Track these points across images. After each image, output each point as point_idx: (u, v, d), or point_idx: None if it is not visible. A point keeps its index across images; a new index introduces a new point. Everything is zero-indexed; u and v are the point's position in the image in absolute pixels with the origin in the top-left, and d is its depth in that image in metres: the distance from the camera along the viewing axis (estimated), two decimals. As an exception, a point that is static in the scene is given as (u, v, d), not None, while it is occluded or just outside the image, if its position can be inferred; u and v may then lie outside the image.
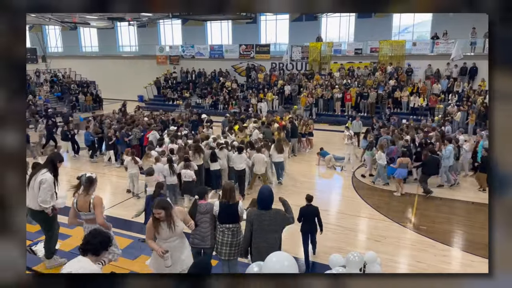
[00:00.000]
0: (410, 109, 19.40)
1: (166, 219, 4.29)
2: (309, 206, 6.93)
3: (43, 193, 4.72)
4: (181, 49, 27.88)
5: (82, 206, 4.71)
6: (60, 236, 6.02)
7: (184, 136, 12.54)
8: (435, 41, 20.85)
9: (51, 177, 4.87)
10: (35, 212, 4.86)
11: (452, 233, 8.53)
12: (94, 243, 3.30)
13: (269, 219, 4.79)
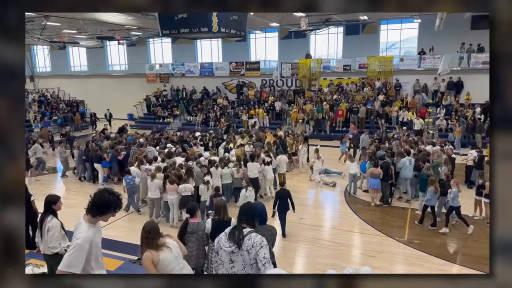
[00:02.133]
0: (399, 123, 19.60)
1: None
2: (283, 189, 9.02)
3: (51, 240, 4.88)
4: (171, 67, 27.97)
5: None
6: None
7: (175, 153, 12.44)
8: (422, 57, 21.28)
9: (57, 222, 4.98)
10: (50, 256, 5.01)
11: (446, 247, 8.48)
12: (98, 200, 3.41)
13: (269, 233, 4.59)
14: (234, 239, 3.28)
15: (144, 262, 3.84)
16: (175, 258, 3.93)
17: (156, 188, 9.50)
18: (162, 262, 3.79)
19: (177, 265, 3.94)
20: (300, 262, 7.85)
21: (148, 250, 3.85)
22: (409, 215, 10.13)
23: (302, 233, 9.02)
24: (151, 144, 13.90)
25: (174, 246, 3.98)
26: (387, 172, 10.48)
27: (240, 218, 3.46)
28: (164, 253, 3.84)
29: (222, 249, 3.36)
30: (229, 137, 15.72)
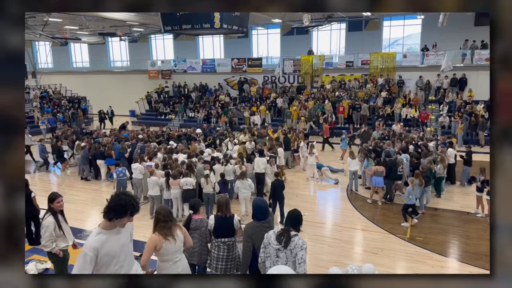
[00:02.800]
0: (402, 120, 19.52)
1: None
2: (278, 180, 9.14)
3: (43, 238, 4.93)
4: (173, 64, 27.92)
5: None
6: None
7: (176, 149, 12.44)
8: (425, 53, 21.15)
9: (51, 221, 4.98)
10: (48, 253, 5.05)
11: (448, 244, 8.44)
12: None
13: (269, 228, 4.60)
14: (281, 240, 3.86)
15: (148, 243, 3.98)
16: (176, 251, 4.07)
17: (155, 185, 9.48)
18: (163, 250, 3.96)
19: (175, 257, 4.08)
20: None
21: (158, 234, 3.99)
22: (411, 212, 10.09)
23: (304, 229, 8.95)
24: (154, 141, 13.90)
25: (180, 240, 4.09)
26: (391, 170, 10.42)
27: (288, 223, 4.04)
28: (169, 243, 3.97)
29: (271, 245, 3.96)
30: (228, 134, 15.71)
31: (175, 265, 4.08)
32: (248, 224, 4.88)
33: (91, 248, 3.24)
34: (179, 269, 4.12)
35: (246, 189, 9.32)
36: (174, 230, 4.08)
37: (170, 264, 4.09)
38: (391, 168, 10.40)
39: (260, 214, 4.68)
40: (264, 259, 4.04)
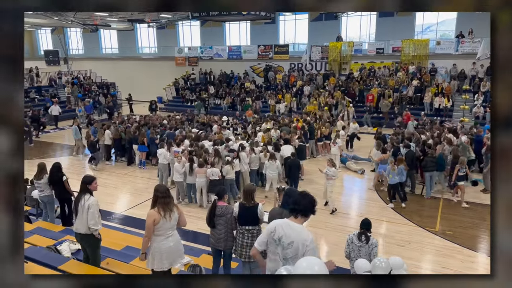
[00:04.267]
0: (434, 110, 18.86)
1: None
2: (293, 159, 9.86)
3: (92, 217, 4.96)
4: (199, 50, 27.98)
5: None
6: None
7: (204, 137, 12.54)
8: (460, 40, 20.20)
9: (96, 200, 5.11)
10: (84, 236, 5.09)
11: (479, 239, 8.16)
12: (305, 204, 3.14)
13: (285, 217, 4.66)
14: (361, 239, 5.00)
15: (148, 219, 4.32)
16: (169, 228, 4.39)
17: (176, 171, 9.62)
18: (159, 225, 4.29)
19: (168, 233, 4.40)
20: (328, 249, 7.77)
21: (157, 210, 4.32)
22: (441, 205, 9.80)
23: (328, 220, 8.92)
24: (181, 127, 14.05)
25: (174, 218, 4.42)
26: (412, 161, 10.25)
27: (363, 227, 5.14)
28: (166, 221, 4.31)
29: (354, 243, 5.05)
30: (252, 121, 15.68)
31: (166, 240, 4.39)
32: (272, 209, 5.12)
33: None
34: (171, 243, 4.43)
35: (274, 171, 9.86)
36: (172, 207, 4.40)
37: (162, 238, 4.39)
38: (412, 160, 10.26)
39: (287, 204, 4.65)
40: (349, 252, 5.12)
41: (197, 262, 5.78)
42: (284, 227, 3.10)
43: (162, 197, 4.37)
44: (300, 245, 3.02)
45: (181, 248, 4.61)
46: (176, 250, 4.53)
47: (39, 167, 7.43)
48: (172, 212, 4.39)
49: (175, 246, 4.48)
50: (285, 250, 3.09)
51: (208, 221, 5.30)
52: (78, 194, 5.20)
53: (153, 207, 4.38)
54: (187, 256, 6.19)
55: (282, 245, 3.09)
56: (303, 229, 3.12)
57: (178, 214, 4.49)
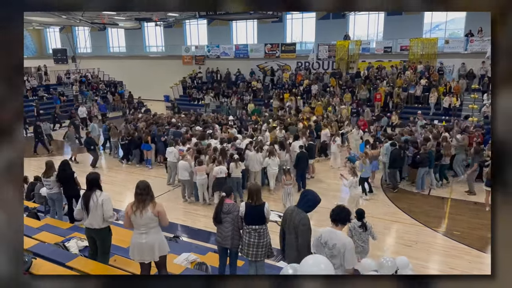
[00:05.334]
0: (442, 110, 18.67)
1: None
2: (303, 152, 10.38)
3: (108, 212, 5.07)
4: (206, 49, 28.01)
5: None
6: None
7: (209, 135, 12.55)
8: (470, 39, 19.96)
9: (108, 195, 5.20)
10: (97, 230, 5.14)
11: (487, 240, 8.04)
12: (343, 215, 4.03)
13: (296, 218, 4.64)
14: (362, 227, 6.31)
15: (125, 210, 4.55)
16: (142, 225, 4.47)
17: (185, 169, 9.64)
18: (132, 219, 4.48)
19: (141, 229, 4.49)
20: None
21: (131, 204, 4.50)
22: (448, 205, 9.72)
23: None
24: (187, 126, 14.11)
25: (147, 217, 4.45)
26: (395, 159, 10.39)
27: (360, 219, 6.37)
28: (136, 216, 4.43)
29: (355, 230, 6.32)
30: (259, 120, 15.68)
31: (139, 235, 4.52)
32: (288, 207, 5.05)
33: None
34: (143, 240, 4.51)
35: (275, 167, 10.13)
36: (145, 205, 4.44)
37: (136, 232, 4.56)
38: (395, 158, 10.41)
39: (302, 203, 4.66)
40: (351, 236, 6.18)
41: (204, 260, 5.79)
42: (328, 233, 3.98)
43: (139, 194, 4.48)
44: (341, 246, 3.84)
45: (155, 248, 4.58)
46: (148, 249, 4.55)
47: (47, 165, 7.48)
48: (145, 210, 4.43)
49: (147, 244, 4.52)
50: (330, 250, 3.91)
51: (215, 218, 5.30)
52: (86, 191, 5.22)
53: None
54: (193, 254, 6.22)
55: (328, 247, 3.93)
56: (342, 234, 3.99)
57: (154, 214, 4.48)
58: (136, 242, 4.58)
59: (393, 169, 10.60)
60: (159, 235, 4.68)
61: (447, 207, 9.61)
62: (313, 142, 12.14)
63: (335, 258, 3.83)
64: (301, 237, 4.57)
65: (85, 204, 5.08)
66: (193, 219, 9.04)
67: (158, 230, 4.65)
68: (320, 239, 4.03)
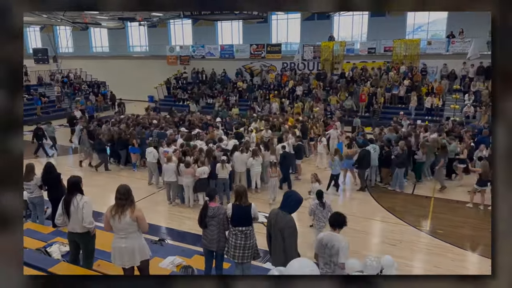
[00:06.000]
0: (425, 110, 19.00)
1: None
2: (286, 153, 10.67)
3: (88, 216, 4.97)
4: (191, 49, 27.82)
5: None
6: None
7: (195, 136, 12.46)
8: (451, 40, 20.36)
9: (89, 199, 5.10)
10: (80, 234, 5.06)
11: (470, 237, 8.23)
12: (340, 220, 4.70)
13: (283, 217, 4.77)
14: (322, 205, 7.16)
15: (105, 213, 4.54)
16: (121, 229, 4.45)
17: (172, 171, 9.55)
18: (111, 223, 4.47)
19: (120, 233, 4.48)
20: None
21: (110, 208, 4.48)
22: (432, 204, 9.89)
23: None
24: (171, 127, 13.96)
25: (126, 222, 4.41)
26: (364, 159, 10.56)
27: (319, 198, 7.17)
28: (115, 221, 4.41)
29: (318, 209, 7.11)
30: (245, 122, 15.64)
31: (119, 240, 4.51)
32: (271, 210, 5.09)
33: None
34: (123, 245, 4.50)
35: (258, 166, 10.27)
36: (124, 210, 4.42)
37: (116, 236, 4.55)
38: (363, 158, 10.59)
39: (286, 204, 4.81)
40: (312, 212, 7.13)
41: (189, 263, 5.72)
42: (328, 236, 4.60)
43: (118, 198, 4.46)
44: (339, 247, 4.46)
45: (136, 252, 4.55)
46: (128, 253, 4.51)
47: (27, 168, 7.30)
48: (123, 215, 4.39)
49: (127, 249, 4.49)
50: (330, 250, 4.51)
51: (200, 222, 5.26)
52: (67, 195, 5.11)
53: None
54: (179, 257, 6.15)
55: (328, 248, 4.52)
56: (340, 236, 4.59)
57: (133, 219, 4.43)
58: (116, 246, 4.54)
59: (361, 169, 10.76)
60: (139, 239, 4.63)
61: (430, 206, 9.77)
62: (301, 142, 12.19)
63: (334, 256, 4.48)
64: (287, 239, 4.67)
65: (66, 208, 4.98)
66: (178, 221, 8.95)
67: (138, 234, 4.60)
68: (322, 242, 4.60)
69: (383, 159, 10.89)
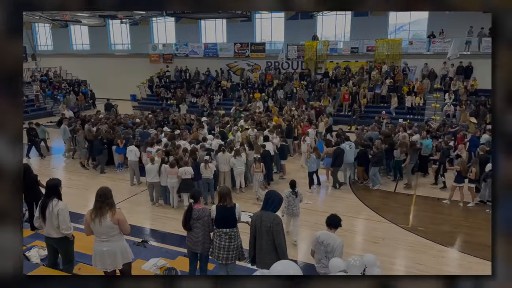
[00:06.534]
0: (406, 109, 19.30)
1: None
2: (265, 150, 10.72)
3: (63, 223, 4.84)
4: (174, 48, 27.54)
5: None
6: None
7: (178, 136, 12.32)
8: (432, 40, 20.75)
9: (65, 205, 4.97)
10: (57, 239, 4.94)
11: (450, 234, 8.42)
12: (335, 221, 5.04)
13: (269, 219, 4.85)
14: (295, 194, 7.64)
15: (85, 217, 4.47)
16: (102, 233, 4.37)
17: (155, 172, 9.43)
18: (91, 227, 4.39)
19: (102, 237, 4.41)
20: (304, 247, 7.80)
21: (90, 211, 4.42)
22: (413, 202, 10.05)
23: (304, 218, 8.95)
24: (154, 126, 13.77)
25: (106, 225, 4.34)
26: (337, 157, 10.75)
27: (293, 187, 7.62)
28: (95, 224, 4.34)
29: (291, 197, 7.61)
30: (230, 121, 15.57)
31: (100, 243, 4.43)
32: (254, 213, 5.13)
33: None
34: (104, 248, 4.42)
35: (241, 166, 10.21)
36: (104, 213, 4.34)
37: (97, 240, 4.47)
38: (337, 156, 10.78)
39: (268, 205, 4.92)
40: (287, 203, 7.51)
41: (173, 265, 5.66)
42: (324, 235, 4.98)
43: (97, 201, 4.39)
44: (334, 245, 4.82)
45: (118, 255, 4.49)
46: (110, 257, 4.45)
47: None
48: (104, 217, 4.33)
49: (108, 252, 4.43)
50: (325, 247, 4.89)
51: (184, 225, 5.20)
52: (44, 199, 4.97)
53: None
54: (162, 259, 6.07)
55: (324, 245, 4.91)
56: (335, 235, 4.96)
57: (114, 223, 4.37)
58: (97, 250, 4.46)
59: (335, 167, 10.91)
60: (121, 242, 4.56)
61: (412, 204, 9.93)
62: (285, 142, 12.20)
63: (329, 254, 4.84)
64: (277, 237, 4.80)
65: (42, 212, 4.87)
66: (162, 222, 8.85)
67: (120, 237, 4.53)
68: (318, 239, 4.97)
69: (358, 157, 11.04)
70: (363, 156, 10.95)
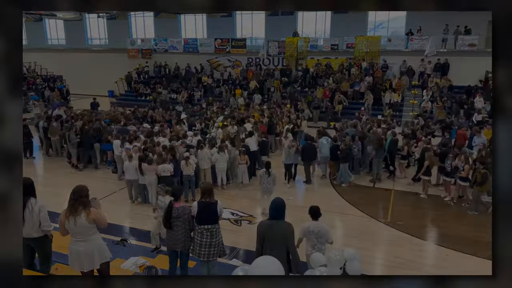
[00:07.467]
0: (385, 106, 19.60)
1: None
2: (245, 146, 10.90)
3: (45, 220, 4.75)
4: (153, 43, 27.08)
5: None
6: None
7: (157, 133, 12.11)
8: (410, 37, 21.12)
9: (44, 202, 4.88)
10: (37, 239, 4.82)
11: (428, 228, 8.61)
12: (315, 211, 5.55)
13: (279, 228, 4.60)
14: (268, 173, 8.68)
15: (60, 217, 4.37)
16: (77, 233, 4.28)
17: (133, 169, 9.25)
18: (66, 226, 4.28)
19: (78, 237, 4.31)
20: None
21: (64, 210, 4.32)
22: (392, 196, 10.22)
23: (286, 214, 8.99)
24: (134, 123, 13.51)
25: (81, 225, 4.24)
26: (303, 152, 10.96)
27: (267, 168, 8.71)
28: (70, 224, 4.23)
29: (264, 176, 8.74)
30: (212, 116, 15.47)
31: (76, 243, 4.33)
32: (260, 222, 4.89)
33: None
34: (81, 248, 4.33)
35: (224, 162, 10.22)
36: (78, 212, 4.24)
37: (72, 239, 4.37)
38: (303, 151, 10.97)
39: (275, 212, 4.66)
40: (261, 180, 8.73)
41: (153, 263, 5.57)
42: (314, 225, 5.43)
43: (70, 199, 4.31)
44: (322, 230, 5.39)
45: (95, 255, 4.40)
46: (87, 256, 4.36)
47: None
48: (78, 216, 4.22)
49: (85, 252, 4.34)
50: (316, 234, 5.36)
51: (164, 223, 5.12)
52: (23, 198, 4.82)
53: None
54: (142, 257, 5.98)
55: (314, 233, 5.36)
56: (322, 223, 5.51)
57: (89, 222, 4.27)
58: (73, 250, 4.36)
59: (305, 162, 11.01)
60: (98, 241, 4.47)
61: (391, 199, 10.10)
62: (266, 139, 12.20)
63: (321, 238, 5.40)
64: (291, 244, 4.65)
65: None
66: (141, 220, 8.69)
67: (96, 236, 4.43)
68: (309, 229, 5.41)
69: (330, 152, 11.11)
70: (334, 151, 11.01)
